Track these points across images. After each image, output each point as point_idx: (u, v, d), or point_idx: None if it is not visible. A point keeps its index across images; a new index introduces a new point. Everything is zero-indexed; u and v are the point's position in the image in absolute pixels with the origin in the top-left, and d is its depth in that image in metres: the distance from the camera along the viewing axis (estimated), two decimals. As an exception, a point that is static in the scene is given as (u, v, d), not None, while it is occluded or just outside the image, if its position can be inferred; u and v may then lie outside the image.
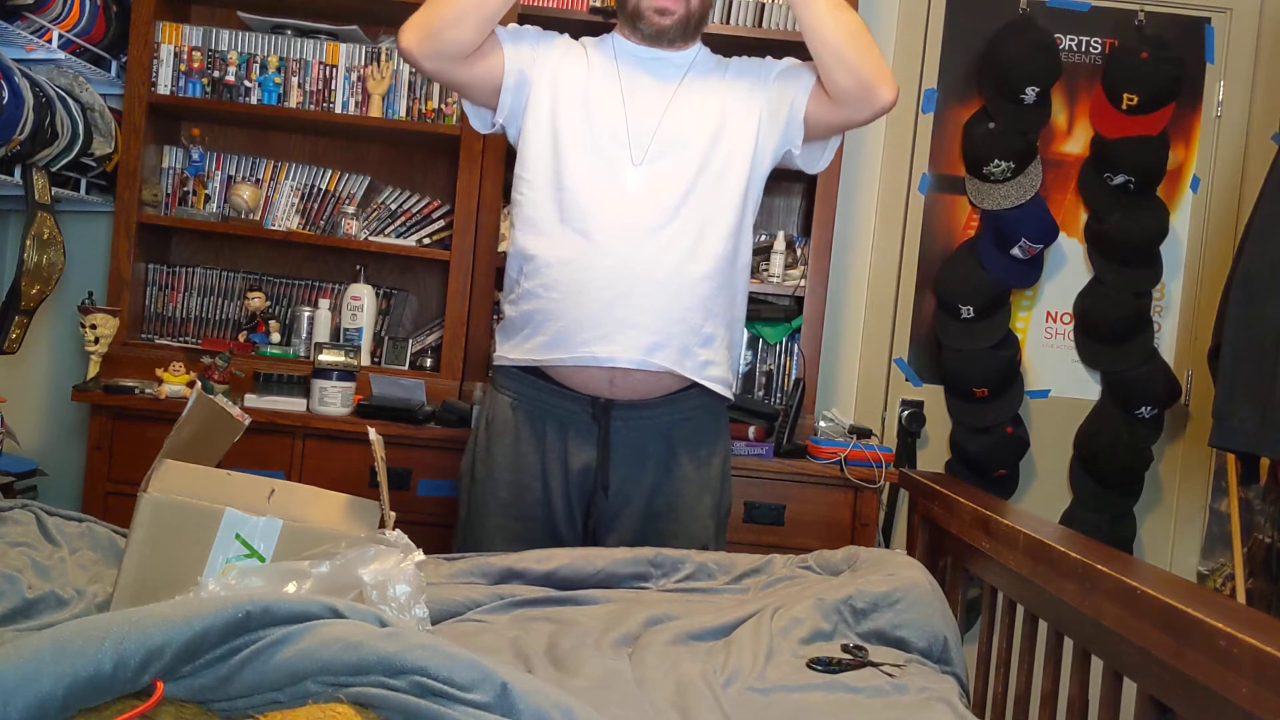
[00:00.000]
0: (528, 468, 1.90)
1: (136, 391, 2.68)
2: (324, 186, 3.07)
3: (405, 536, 1.28)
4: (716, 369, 1.91)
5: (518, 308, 1.91)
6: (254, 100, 2.94)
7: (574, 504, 1.90)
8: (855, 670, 1.34)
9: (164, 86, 2.94)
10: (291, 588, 1.16)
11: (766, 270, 2.98)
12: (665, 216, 1.84)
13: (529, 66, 1.90)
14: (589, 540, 1.91)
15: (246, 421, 1.71)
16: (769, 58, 2.04)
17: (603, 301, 1.81)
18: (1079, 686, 1.26)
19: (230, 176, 3.07)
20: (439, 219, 3.04)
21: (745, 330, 2.75)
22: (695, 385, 1.90)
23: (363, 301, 2.96)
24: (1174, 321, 3.27)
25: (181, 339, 3.05)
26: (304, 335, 2.99)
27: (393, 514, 1.42)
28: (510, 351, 1.92)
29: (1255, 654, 0.85)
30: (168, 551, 1.31)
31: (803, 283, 2.93)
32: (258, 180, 3.07)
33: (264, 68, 2.95)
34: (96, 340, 2.81)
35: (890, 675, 1.33)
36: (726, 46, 3.00)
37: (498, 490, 1.91)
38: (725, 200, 1.88)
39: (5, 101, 2.37)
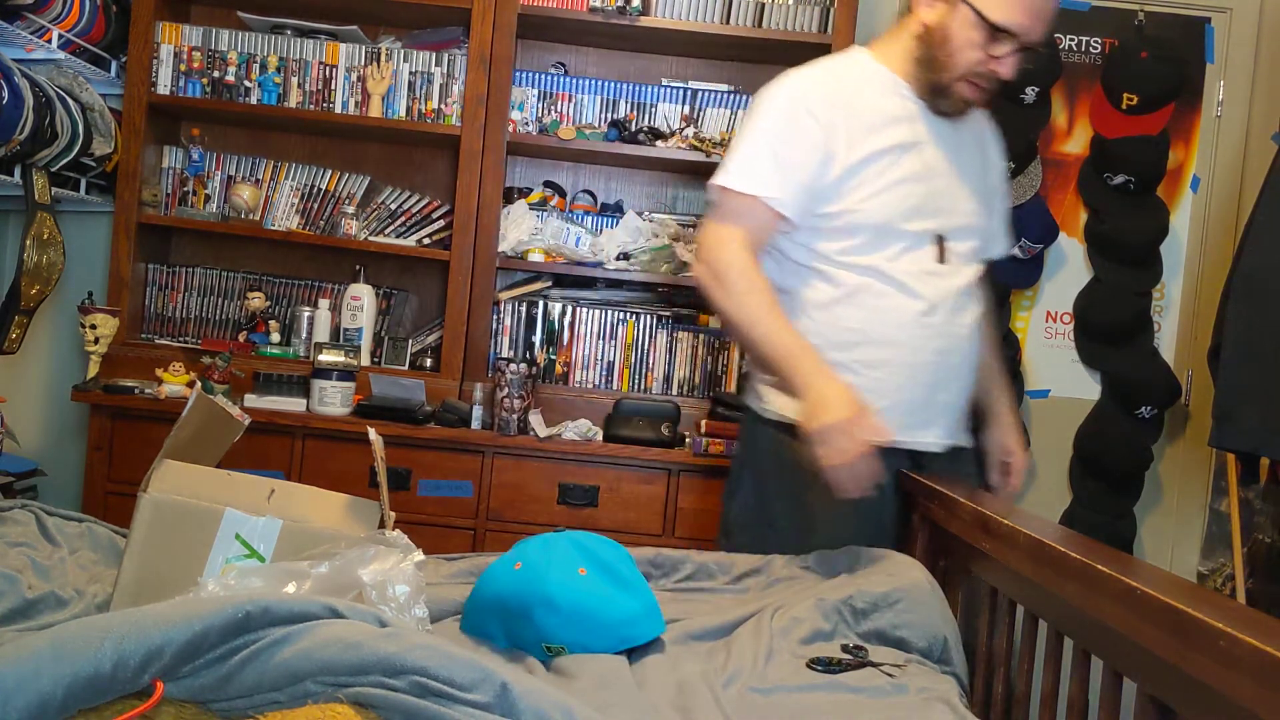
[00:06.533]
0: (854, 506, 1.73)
1: (136, 391, 2.68)
2: (324, 186, 3.07)
3: (405, 536, 1.28)
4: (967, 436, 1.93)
5: None
6: (254, 100, 2.94)
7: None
8: (855, 670, 1.34)
9: (164, 86, 2.93)
10: (291, 588, 1.16)
11: (767, 270, 2.97)
12: (969, 295, 1.82)
13: (814, 185, 1.74)
14: None
15: (246, 421, 1.71)
16: (995, 150, 1.97)
17: (925, 385, 1.77)
18: (1079, 686, 1.26)
19: (230, 176, 3.07)
20: (439, 219, 3.04)
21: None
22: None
23: (363, 301, 2.96)
24: (1174, 321, 3.26)
25: (181, 339, 3.05)
26: (304, 335, 2.99)
27: (393, 514, 1.42)
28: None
29: (1257, 654, 0.85)
30: (168, 551, 1.31)
31: (803, 283, 2.93)
32: (258, 180, 3.07)
33: (264, 68, 2.95)
34: (96, 340, 2.81)
35: (890, 675, 1.33)
36: (727, 46, 3.02)
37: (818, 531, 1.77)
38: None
39: (5, 101, 2.37)
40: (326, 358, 2.71)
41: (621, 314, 3.05)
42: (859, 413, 1.59)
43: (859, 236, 1.74)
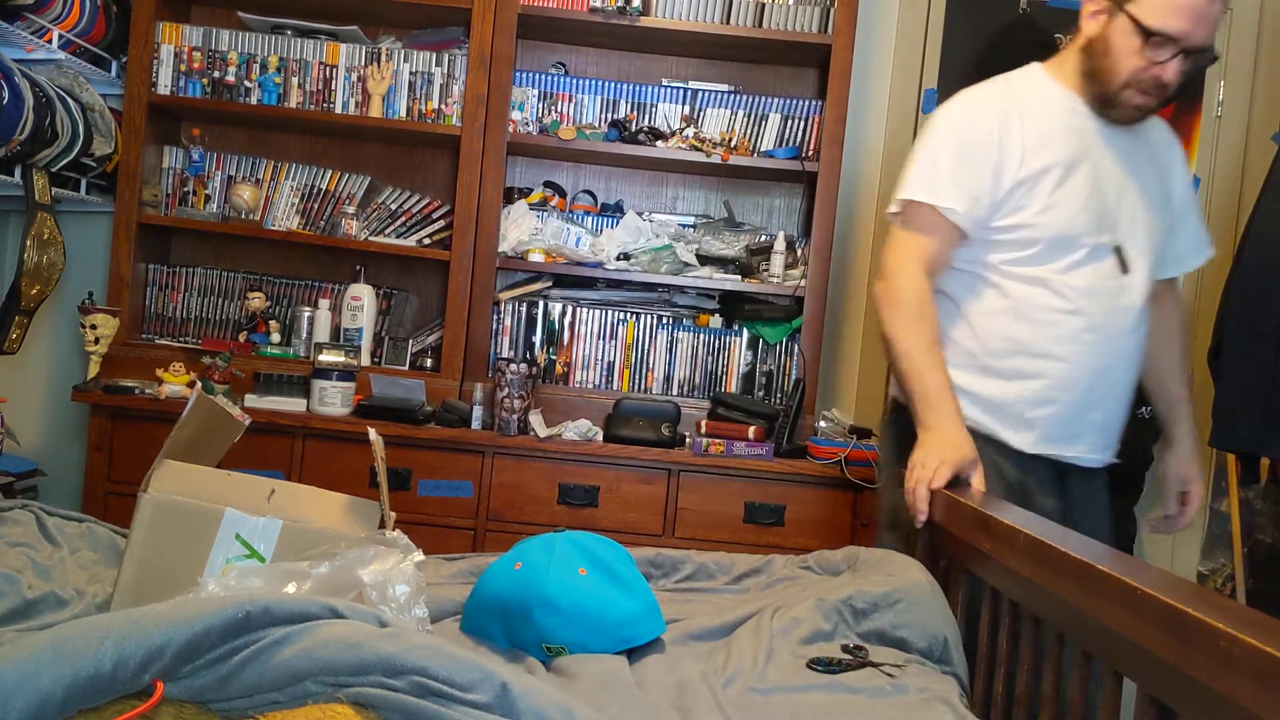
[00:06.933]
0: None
1: (136, 392, 2.68)
2: (324, 186, 3.07)
3: (405, 536, 1.28)
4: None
5: (981, 379, 1.81)
6: (254, 100, 2.94)
7: None
8: (855, 670, 1.34)
9: (164, 87, 2.94)
10: (291, 588, 1.16)
11: (766, 270, 2.98)
12: (1135, 313, 1.80)
13: (990, 199, 1.76)
14: None
15: (246, 421, 1.71)
16: (1175, 157, 1.94)
17: (1076, 403, 1.78)
18: (1079, 686, 1.26)
19: (230, 176, 3.07)
20: (439, 219, 3.04)
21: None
22: None
23: (363, 301, 2.96)
24: (1174, 321, 3.26)
25: (181, 339, 3.05)
26: (304, 335, 2.99)
27: (393, 514, 1.42)
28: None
29: (1257, 655, 0.85)
30: (168, 551, 1.31)
31: (803, 283, 2.93)
32: (258, 180, 3.07)
33: (264, 68, 2.95)
34: (96, 340, 2.81)
35: (890, 675, 1.33)
36: (727, 46, 3.02)
37: None
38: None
39: (5, 102, 2.37)
40: (326, 358, 2.71)
41: (621, 314, 3.05)
42: (959, 464, 1.66)
43: (1032, 249, 1.76)
